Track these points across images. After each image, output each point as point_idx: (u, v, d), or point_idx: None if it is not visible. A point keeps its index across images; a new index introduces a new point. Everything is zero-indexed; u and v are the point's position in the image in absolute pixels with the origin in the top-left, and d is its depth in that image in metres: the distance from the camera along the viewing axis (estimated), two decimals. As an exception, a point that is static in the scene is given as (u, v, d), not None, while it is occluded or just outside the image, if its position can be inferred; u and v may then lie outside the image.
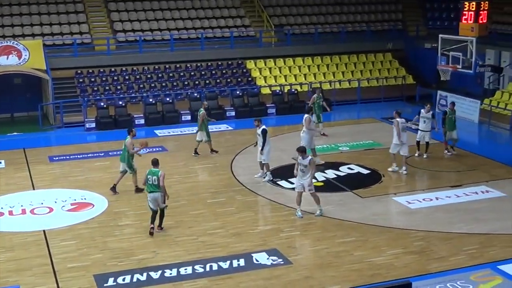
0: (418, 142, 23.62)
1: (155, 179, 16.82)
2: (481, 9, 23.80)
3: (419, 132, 23.57)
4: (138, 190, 19.98)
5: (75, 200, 19.69)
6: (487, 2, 23.92)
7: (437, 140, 24.42)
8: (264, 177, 21.20)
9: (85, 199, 19.82)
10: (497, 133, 28.18)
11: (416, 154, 23.49)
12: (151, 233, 16.89)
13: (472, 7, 23.77)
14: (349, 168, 22.46)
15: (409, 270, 14.83)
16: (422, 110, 23.38)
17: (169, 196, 17.36)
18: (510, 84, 31.54)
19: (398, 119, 21.80)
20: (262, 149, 20.93)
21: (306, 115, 22.47)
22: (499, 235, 16.74)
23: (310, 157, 18.01)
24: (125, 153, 20.07)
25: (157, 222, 17.05)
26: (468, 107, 29.97)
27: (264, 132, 20.89)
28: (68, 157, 24.32)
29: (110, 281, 14.42)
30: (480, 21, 23.92)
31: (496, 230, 17.05)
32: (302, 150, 18.04)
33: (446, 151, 23.86)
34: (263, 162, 21.18)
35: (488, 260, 15.29)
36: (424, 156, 23.39)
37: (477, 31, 23.83)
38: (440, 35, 25.37)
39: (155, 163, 17.24)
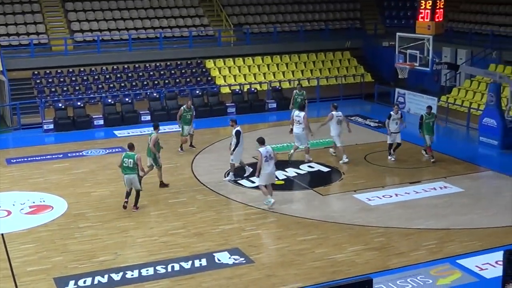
0: (390, 145, 23.07)
1: (131, 161, 18.18)
2: (437, 7, 24.06)
3: (391, 134, 22.90)
4: (163, 185, 20.37)
5: (34, 202, 19.43)
6: (443, 0, 24.19)
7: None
8: (226, 177, 21.20)
9: (44, 201, 19.58)
10: (454, 129, 28.56)
11: (392, 159, 23.01)
12: (125, 207, 18.43)
13: (429, 5, 24.03)
14: (309, 166, 22.56)
15: (370, 266, 14.97)
16: (392, 113, 22.89)
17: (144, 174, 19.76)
18: (467, 81, 32.02)
19: (333, 112, 22.63)
20: (233, 150, 20.87)
21: (303, 113, 22.71)
22: (458, 230, 16.99)
23: (258, 149, 18.55)
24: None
25: (133, 202, 18.60)
26: (425, 104, 30.24)
27: (237, 133, 20.88)
28: (26, 159, 24.00)
29: (71, 284, 14.27)
30: (437, 19, 24.18)
31: (455, 225, 17.32)
32: (260, 141, 18.74)
33: (424, 152, 23.40)
34: (231, 162, 21.16)
35: (447, 255, 15.52)
36: (392, 159, 23.12)
37: (433, 29, 24.05)
38: (398, 33, 25.57)
39: (131, 146, 18.69)
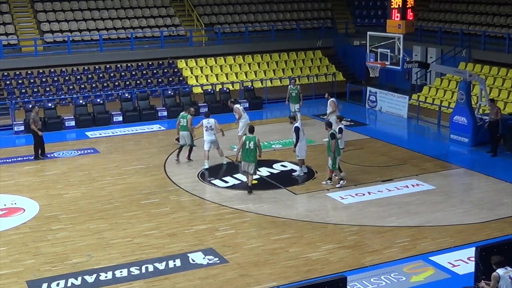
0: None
1: (185, 121, 22.73)
2: (408, 6, 24.23)
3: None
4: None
5: (5, 205, 19.24)
6: (413, -1, 24.39)
7: (368, 136, 24.79)
8: (298, 172, 21.45)
9: (15, 204, 19.39)
10: (425, 127, 28.77)
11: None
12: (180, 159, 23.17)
13: (399, 4, 24.16)
14: (282, 165, 22.58)
15: (344, 264, 15.03)
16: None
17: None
18: (437, 80, 32.31)
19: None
20: (295, 146, 20.99)
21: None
22: (430, 227, 17.13)
23: (202, 120, 22.60)
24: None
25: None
26: (397, 103, 30.56)
27: (296, 129, 20.93)
28: (-4, 162, 23.77)
29: (44, 287, 14.17)
30: (407, 18, 24.34)
31: (427, 222, 17.45)
32: (205, 115, 22.87)
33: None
34: (297, 158, 21.34)
35: (420, 252, 15.65)
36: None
37: (404, 28, 24.19)
38: (368, 32, 25.66)
39: (186, 109, 23.66)
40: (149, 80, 33.23)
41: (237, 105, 24.71)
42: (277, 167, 22.36)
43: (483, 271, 12.44)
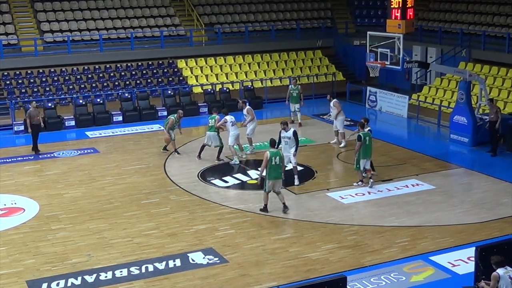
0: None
1: (213, 121, 22.71)
2: (408, 6, 24.24)
3: None
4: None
5: (5, 205, 19.24)
6: (413, -1, 24.41)
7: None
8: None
9: (15, 203, 19.39)
10: (425, 127, 28.78)
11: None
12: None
13: (399, 4, 24.16)
14: (282, 165, 22.56)
15: (344, 264, 15.03)
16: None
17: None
18: (437, 79, 32.31)
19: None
20: (295, 151, 20.55)
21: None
22: (430, 227, 17.14)
23: (225, 116, 22.78)
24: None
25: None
26: (397, 103, 30.57)
27: (295, 134, 20.58)
28: (-4, 161, 23.77)
29: (44, 287, 14.17)
30: (407, 18, 24.34)
31: (427, 222, 17.46)
32: (224, 113, 22.87)
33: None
34: (293, 165, 20.77)
35: (420, 252, 15.65)
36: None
37: (404, 27, 24.20)
38: (368, 32, 25.67)
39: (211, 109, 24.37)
40: (149, 80, 33.23)
41: (249, 106, 24.52)
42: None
43: (483, 271, 12.45)
